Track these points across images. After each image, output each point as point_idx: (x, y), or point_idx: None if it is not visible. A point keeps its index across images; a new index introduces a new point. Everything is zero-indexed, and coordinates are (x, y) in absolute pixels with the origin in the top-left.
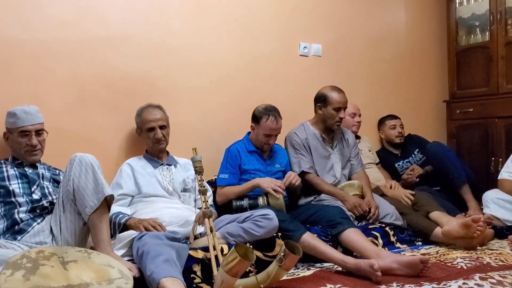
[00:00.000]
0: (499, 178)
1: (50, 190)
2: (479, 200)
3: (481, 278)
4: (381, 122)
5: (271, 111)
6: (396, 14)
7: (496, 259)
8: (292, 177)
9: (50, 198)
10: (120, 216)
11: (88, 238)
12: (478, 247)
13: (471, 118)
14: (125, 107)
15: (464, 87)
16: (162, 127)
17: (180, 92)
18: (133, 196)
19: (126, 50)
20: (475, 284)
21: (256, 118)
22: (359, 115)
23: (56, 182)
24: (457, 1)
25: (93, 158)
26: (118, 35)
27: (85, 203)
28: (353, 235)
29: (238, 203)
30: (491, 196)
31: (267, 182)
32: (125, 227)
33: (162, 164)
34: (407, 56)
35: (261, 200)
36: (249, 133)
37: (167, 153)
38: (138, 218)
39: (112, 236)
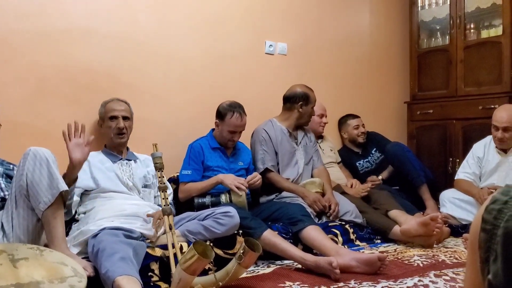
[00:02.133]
0: (455, 178)
1: (3, 185)
2: (437, 199)
3: (436, 275)
4: (343, 121)
5: (236, 107)
6: (360, 17)
7: (451, 256)
8: (256, 179)
9: (2, 194)
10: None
11: (42, 235)
12: (435, 245)
13: (431, 119)
14: (87, 101)
15: (425, 89)
16: (125, 118)
17: (145, 88)
18: (86, 190)
19: (89, 43)
20: (430, 281)
21: (220, 115)
22: (326, 116)
23: (9, 177)
24: (419, 5)
25: (48, 152)
26: (80, 27)
27: (39, 199)
28: (313, 233)
29: (200, 200)
30: (448, 196)
31: (230, 179)
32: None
33: (121, 159)
34: (370, 58)
35: (223, 198)
36: (213, 130)
37: (127, 148)
38: None
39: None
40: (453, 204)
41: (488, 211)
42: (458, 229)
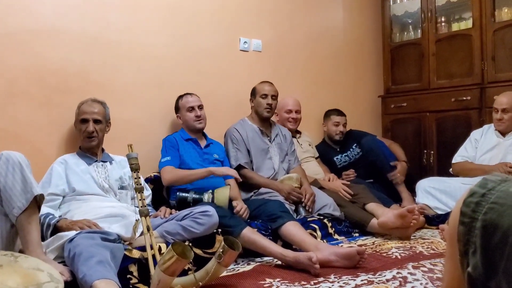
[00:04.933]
0: (453, 162)
1: None
2: (412, 190)
3: (414, 267)
4: (327, 114)
5: (184, 94)
6: (333, 12)
7: (428, 247)
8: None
9: None
10: (50, 216)
11: (17, 241)
12: (412, 236)
13: (405, 113)
14: (58, 103)
15: (398, 82)
16: (96, 121)
17: (117, 88)
18: (63, 196)
19: (59, 43)
20: (408, 273)
21: (176, 106)
22: (297, 111)
23: None
24: None
25: (21, 156)
26: (49, 27)
27: (13, 204)
28: (292, 228)
29: (182, 195)
30: (423, 186)
31: (221, 170)
32: (55, 229)
33: (96, 160)
34: (344, 53)
35: (206, 197)
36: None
37: (102, 150)
38: (70, 220)
39: (43, 239)
40: (429, 193)
41: (466, 204)
42: (433, 219)
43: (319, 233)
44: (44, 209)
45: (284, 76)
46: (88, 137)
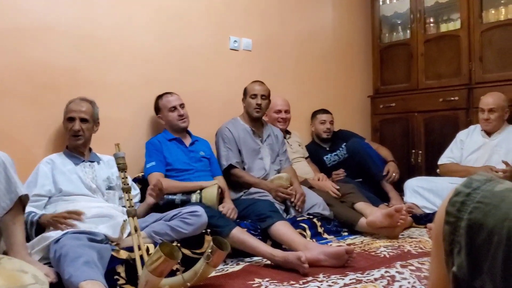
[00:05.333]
0: (439, 163)
1: None
2: (400, 190)
3: (402, 266)
4: (314, 115)
5: (162, 94)
6: (323, 12)
7: (416, 246)
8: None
9: None
10: (33, 214)
11: (1, 242)
12: (400, 235)
13: (394, 113)
14: (47, 102)
15: (387, 82)
16: (83, 120)
17: (107, 86)
18: (49, 197)
19: (48, 41)
20: (396, 272)
21: (156, 106)
22: (286, 111)
23: None
24: (381, 0)
25: (5, 156)
26: (38, 25)
27: None
28: (282, 228)
29: (169, 197)
30: (411, 185)
31: (211, 184)
32: (40, 228)
33: (84, 160)
34: (334, 53)
35: (194, 197)
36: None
37: (90, 149)
38: (51, 214)
39: (29, 238)
40: (417, 193)
41: (451, 204)
42: (421, 218)
43: (308, 232)
44: (28, 209)
45: (274, 76)
46: (74, 136)
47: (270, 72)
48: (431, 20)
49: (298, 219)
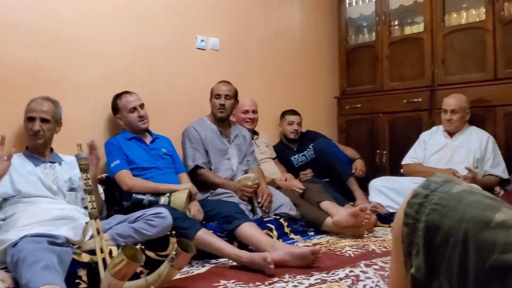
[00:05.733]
0: (403, 163)
1: None
2: (366, 189)
3: (366, 265)
4: (283, 115)
5: (120, 93)
6: (291, 13)
7: (380, 245)
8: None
9: None
10: None
11: None
12: (365, 235)
13: (359, 114)
14: (6, 100)
15: (353, 84)
16: (44, 120)
17: (69, 85)
18: (5, 199)
19: (7, 38)
20: (361, 271)
21: (115, 106)
22: (253, 111)
23: None
24: (347, 2)
25: None
26: None
27: None
28: (248, 229)
29: (138, 197)
30: (376, 185)
31: (182, 188)
32: None
33: (44, 161)
34: (301, 54)
35: (162, 200)
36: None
37: (51, 150)
38: None
39: None
40: (381, 192)
41: (409, 205)
42: (386, 217)
43: (275, 232)
44: None
45: (242, 76)
46: (33, 135)
47: (237, 72)
48: (396, 22)
49: (265, 219)
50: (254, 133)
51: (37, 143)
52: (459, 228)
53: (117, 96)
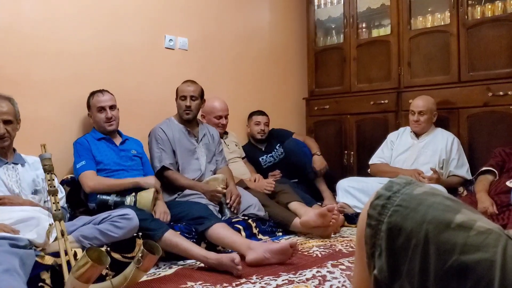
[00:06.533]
0: (370, 163)
1: None
2: (334, 189)
3: (333, 265)
4: (250, 116)
5: (96, 91)
6: (260, 13)
7: (347, 245)
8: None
9: None
10: None
11: None
12: (332, 235)
13: (327, 115)
14: None
15: (322, 85)
16: (6, 122)
17: (31, 84)
18: None
19: None
20: (327, 271)
21: (88, 103)
22: (226, 116)
23: None
24: (316, 4)
25: None
26: None
27: None
28: (221, 230)
29: (103, 198)
30: (343, 185)
31: (147, 181)
32: None
33: (7, 162)
34: (270, 55)
35: (128, 200)
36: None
37: (14, 150)
38: None
39: None
40: (348, 193)
41: (373, 207)
42: (353, 217)
43: (243, 233)
44: None
45: (211, 76)
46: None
47: (206, 72)
48: (364, 25)
49: (233, 220)
50: (223, 132)
51: (3, 145)
52: (420, 230)
53: (92, 94)
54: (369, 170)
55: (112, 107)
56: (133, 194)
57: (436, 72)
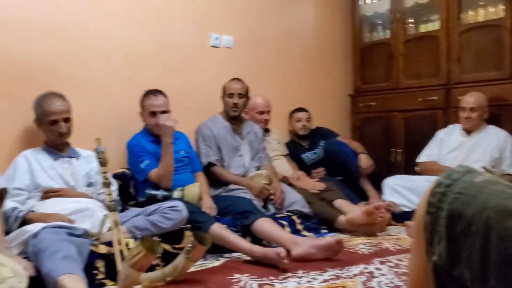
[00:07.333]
0: (418, 161)
1: None
2: (379, 188)
3: (381, 262)
4: (291, 114)
5: (151, 91)
6: (305, 10)
7: (394, 244)
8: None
9: None
10: (18, 210)
11: None
12: (378, 233)
13: (374, 112)
14: (22, 96)
15: (367, 81)
16: (66, 120)
17: (84, 81)
18: (29, 192)
19: (23, 33)
20: (375, 268)
21: (141, 104)
22: (268, 112)
23: None
24: (361, 0)
25: None
26: (14, 17)
27: None
28: (266, 225)
29: (151, 193)
30: (389, 183)
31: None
32: (24, 224)
33: (62, 156)
34: (314, 51)
35: (176, 194)
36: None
37: (69, 144)
38: (42, 213)
39: (8, 232)
40: (395, 191)
41: (432, 194)
42: (400, 216)
43: (287, 229)
44: (10, 203)
45: (255, 74)
46: (59, 136)
47: (250, 69)
48: (411, 20)
49: (277, 216)
50: (265, 130)
51: (62, 141)
52: (481, 216)
53: (146, 93)
54: (417, 168)
55: (164, 112)
56: (180, 188)
57: (487, 68)
